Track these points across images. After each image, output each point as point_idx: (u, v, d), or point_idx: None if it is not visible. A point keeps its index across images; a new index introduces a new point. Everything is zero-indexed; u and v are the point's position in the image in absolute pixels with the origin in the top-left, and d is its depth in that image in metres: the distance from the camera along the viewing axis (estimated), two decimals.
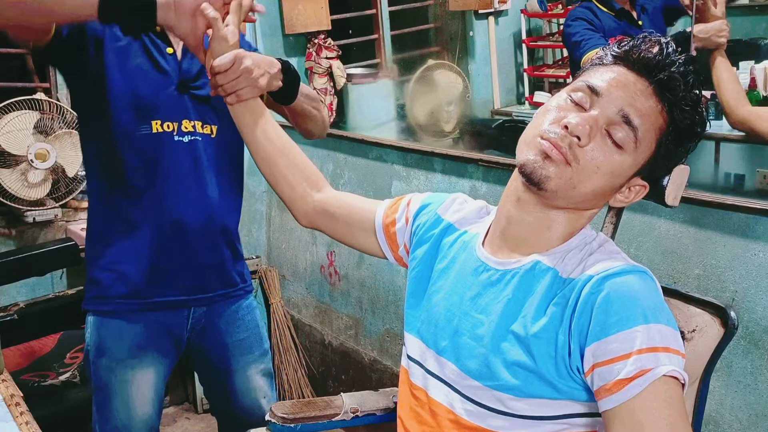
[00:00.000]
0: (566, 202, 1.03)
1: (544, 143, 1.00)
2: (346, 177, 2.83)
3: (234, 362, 1.75)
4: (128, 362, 1.64)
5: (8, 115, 2.59)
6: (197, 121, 1.61)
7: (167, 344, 1.69)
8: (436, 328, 1.12)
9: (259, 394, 1.78)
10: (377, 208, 1.30)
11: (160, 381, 1.69)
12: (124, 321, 1.64)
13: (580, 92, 1.02)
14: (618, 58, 1.03)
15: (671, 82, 1.00)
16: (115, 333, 1.65)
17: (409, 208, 1.27)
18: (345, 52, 3.03)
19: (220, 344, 1.74)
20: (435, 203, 1.25)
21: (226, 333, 1.74)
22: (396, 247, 1.28)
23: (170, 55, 1.59)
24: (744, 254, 1.60)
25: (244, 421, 1.72)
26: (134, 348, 1.65)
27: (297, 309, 3.22)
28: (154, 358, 1.67)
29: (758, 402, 1.61)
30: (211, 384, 1.83)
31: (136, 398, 1.66)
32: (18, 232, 2.78)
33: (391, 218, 1.28)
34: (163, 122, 1.58)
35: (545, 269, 1.04)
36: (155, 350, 1.67)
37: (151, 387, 1.68)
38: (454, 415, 1.07)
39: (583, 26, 2.12)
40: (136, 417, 1.66)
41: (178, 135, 1.59)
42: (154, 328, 1.66)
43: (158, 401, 1.70)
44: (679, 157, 1.07)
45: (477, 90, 2.73)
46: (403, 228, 1.26)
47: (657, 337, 0.92)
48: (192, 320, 1.70)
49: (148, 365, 1.67)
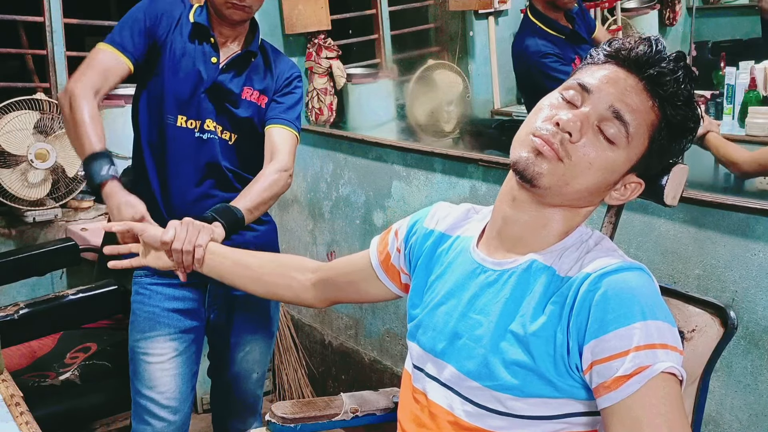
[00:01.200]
0: (561, 199, 1.03)
1: (536, 140, 1.00)
2: (346, 177, 2.83)
3: (238, 337, 1.91)
4: (148, 335, 1.79)
5: (8, 115, 2.59)
6: (219, 126, 1.77)
7: (186, 320, 1.82)
8: (434, 332, 1.12)
9: (253, 366, 1.96)
10: (369, 253, 1.32)
11: (181, 357, 1.81)
12: (146, 293, 1.81)
13: (572, 90, 1.03)
14: (609, 56, 1.04)
15: (661, 77, 1.00)
16: (139, 305, 1.82)
17: (398, 237, 1.28)
18: (345, 52, 3.03)
19: (229, 319, 1.89)
20: (420, 220, 1.26)
21: (239, 310, 1.89)
22: (398, 278, 1.29)
23: (213, 64, 1.76)
24: (744, 254, 1.60)
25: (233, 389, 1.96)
26: (152, 322, 1.79)
27: (297, 309, 3.22)
28: (171, 334, 1.80)
29: (758, 402, 1.61)
30: (213, 354, 1.99)
31: (154, 373, 1.78)
32: (18, 232, 2.78)
33: (385, 253, 1.29)
34: (188, 119, 1.75)
35: (542, 268, 1.04)
36: (173, 326, 1.80)
37: (170, 361, 1.79)
38: (453, 416, 1.07)
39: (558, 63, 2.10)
40: (158, 389, 1.78)
41: (198, 132, 1.75)
42: (173, 303, 1.80)
43: (180, 377, 1.81)
44: (673, 154, 1.08)
45: (477, 90, 2.73)
46: (398, 256, 1.27)
47: (655, 333, 0.92)
48: (209, 298, 1.85)
49: (164, 340, 1.79)
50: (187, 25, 1.76)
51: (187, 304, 1.83)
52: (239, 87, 1.77)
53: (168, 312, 1.80)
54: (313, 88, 2.94)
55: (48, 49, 2.82)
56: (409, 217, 1.30)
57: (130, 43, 1.70)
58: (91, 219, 2.86)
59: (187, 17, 1.77)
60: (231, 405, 1.99)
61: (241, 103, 1.78)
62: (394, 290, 1.31)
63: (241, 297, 1.87)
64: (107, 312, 2.21)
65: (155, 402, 1.79)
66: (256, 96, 1.79)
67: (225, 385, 1.99)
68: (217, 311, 1.89)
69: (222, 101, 1.76)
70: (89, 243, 2.58)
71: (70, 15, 2.86)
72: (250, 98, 1.78)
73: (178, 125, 1.75)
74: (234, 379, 1.96)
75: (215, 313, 1.89)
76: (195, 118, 1.75)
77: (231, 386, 1.98)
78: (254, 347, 1.95)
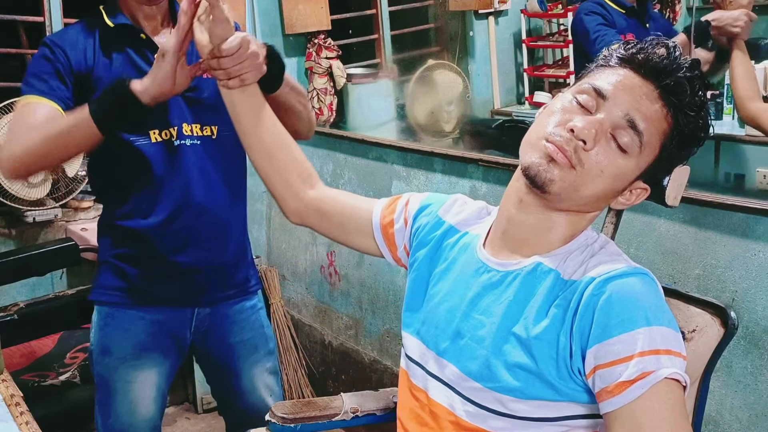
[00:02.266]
0: (569, 204, 1.03)
1: (549, 146, 0.99)
2: (346, 177, 2.83)
3: (239, 362, 1.75)
4: (130, 362, 1.65)
5: (8, 115, 2.58)
6: (195, 124, 1.59)
7: (170, 344, 1.69)
8: (437, 330, 1.12)
9: (264, 393, 1.78)
10: (374, 209, 1.28)
11: (162, 381, 1.70)
12: (126, 319, 1.64)
13: (586, 95, 1.02)
14: (624, 61, 1.03)
15: (678, 87, 0.99)
16: (118, 331, 1.65)
17: (408, 208, 1.25)
18: (345, 52, 3.03)
19: (224, 345, 1.74)
20: (435, 204, 1.24)
21: (231, 333, 1.74)
22: (395, 249, 1.27)
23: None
24: (744, 254, 1.60)
25: (252, 418, 1.71)
26: (137, 347, 1.65)
27: (297, 309, 3.22)
28: (156, 358, 1.67)
29: (758, 402, 1.61)
30: (217, 384, 1.82)
31: (137, 397, 1.66)
32: (18, 232, 2.78)
33: (389, 219, 1.26)
34: (161, 131, 1.55)
35: (547, 271, 1.03)
36: (158, 350, 1.67)
37: (153, 386, 1.68)
38: (454, 416, 1.07)
39: (597, 21, 2.06)
40: (138, 415, 1.66)
41: (179, 139, 1.57)
42: (157, 327, 1.66)
43: (161, 400, 1.71)
44: (680, 160, 1.07)
45: (477, 90, 2.73)
46: (402, 229, 1.25)
47: (659, 339, 0.92)
48: (196, 321, 1.70)
49: (151, 365, 1.67)
50: (106, 37, 1.54)
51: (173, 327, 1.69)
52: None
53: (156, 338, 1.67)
54: (313, 88, 2.93)
55: None
56: (425, 193, 1.27)
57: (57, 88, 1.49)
58: (91, 219, 2.86)
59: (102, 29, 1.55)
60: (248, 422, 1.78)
61: (205, 83, 1.56)
62: (386, 255, 1.28)
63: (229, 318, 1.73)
64: None
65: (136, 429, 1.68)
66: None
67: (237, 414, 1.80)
68: (202, 335, 1.72)
69: (185, 93, 1.51)
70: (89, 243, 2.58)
71: (70, 15, 2.85)
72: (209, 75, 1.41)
73: (153, 141, 1.54)
74: (247, 408, 1.77)
75: (200, 336, 1.72)
76: (169, 127, 1.56)
77: (246, 414, 1.77)
78: (262, 371, 1.78)
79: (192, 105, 1.59)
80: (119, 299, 1.65)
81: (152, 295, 1.64)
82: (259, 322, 1.79)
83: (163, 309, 1.66)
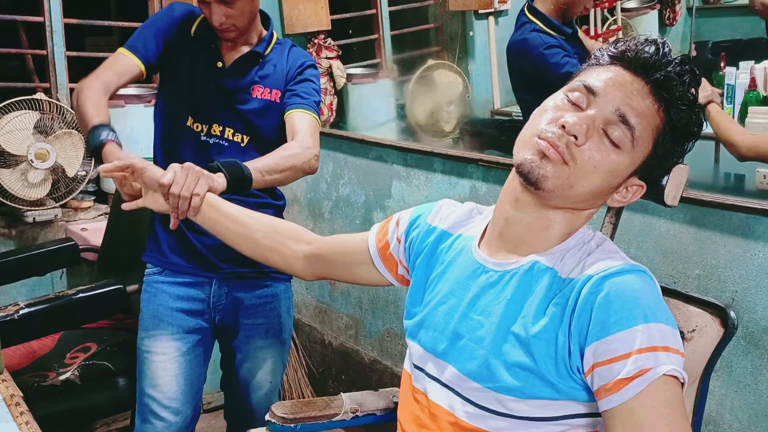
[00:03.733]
0: (564, 201, 1.03)
1: (542, 143, 1.00)
2: (346, 177, 2.83)
3: (247, 344, 1.88)
4: (152, 333, 1.81)
5: (8, 115, 2.58)
6: (229, 128, 1.78)
7: (191, 320, 1.82)
8: (435, 332, 1.12)
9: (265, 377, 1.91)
10: (368, 238, 1.31)
11: (185, 358, 1.80)
12: (152, 291, 1.83)
13: (577, 92, 1.03)
14: (614, 58, 1.04)
15: (668, 81, 1.00)
16: (145, 303, 1.83)
17: (399, 227, 1.27)
18: (345, 52, 3.03)
19: (236, 323, 1.87)
20: (423, 214, 1.25)
21: (244, 314, 1.86)
22: (395, 268, 1.28)
23: (218, 68, 1.79)
24: (744, 254, 1.60)
25: (245, 400, 1.91)
26: (157, 320, 1.80)
27: (297, 309, 3.22)
28: (175, 333, 1.80)
29: (758, 402, 1.61)
30: (224, 363, 1.96)
31: (157, 371, 1.79)
32: (18, 232, 2.78)
33: (384, 242, 1.28)
34: (195, 121, 1.79)
35: (544, 269, 1.04)
36: (177, 325, 1.80)
37: (173, 361, 1.79)
38: (454, 417, 1.07)
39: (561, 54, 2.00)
40: (160, 388, 1.79)
41: (205, 136, 1.78)
42: (179, 303, 1.81)
43: (183, 378, 1.81)
44: (676, 157, 1.08)
45: (477, 90, 2.73)
46: (397, 247, 1.27)
47: (657, 336, 0.92)
48: (213, 297, 1.83)
49: (168, 339, 1.79)
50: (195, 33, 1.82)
51: (193, 304, 1.83)
52: (248, 86, 1.78)
53: (173, 311, 1.80)
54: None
55: (48, 49, 2.82)
56: (412, 208, 1.29)
57: (142, 46, 1.77)
58: (91, 219, 2.86)
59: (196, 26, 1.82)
60: (246, 416, 1.94)
61: (251, 101, 1.78)
62: (389, 279, 1.30)
63: (246, 300, 1.85)
64: (107, 312, 2.20)
65: (157, 401, 1.79)
66: (268, 92, 1.79)
67: (236, 396, 1.94)
68: (222, 313, 1.86)
69: (231, 103, 1.77)
70: (89, 243, 2.58)
71: (70, 15, 2.85)
72: (261, 96, 1.79)
73: (188, 125, 1.79)
74: (245, 389, 1.92)
75: (220, 315, 1.86)
76: (202, 122, 1.79)
77: (243, 397, 1.93)
78: (265, 356, 1.91)
79: (231, 112, 1.77)
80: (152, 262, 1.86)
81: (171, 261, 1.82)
82: (277, 312, 1.89)
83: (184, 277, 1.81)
